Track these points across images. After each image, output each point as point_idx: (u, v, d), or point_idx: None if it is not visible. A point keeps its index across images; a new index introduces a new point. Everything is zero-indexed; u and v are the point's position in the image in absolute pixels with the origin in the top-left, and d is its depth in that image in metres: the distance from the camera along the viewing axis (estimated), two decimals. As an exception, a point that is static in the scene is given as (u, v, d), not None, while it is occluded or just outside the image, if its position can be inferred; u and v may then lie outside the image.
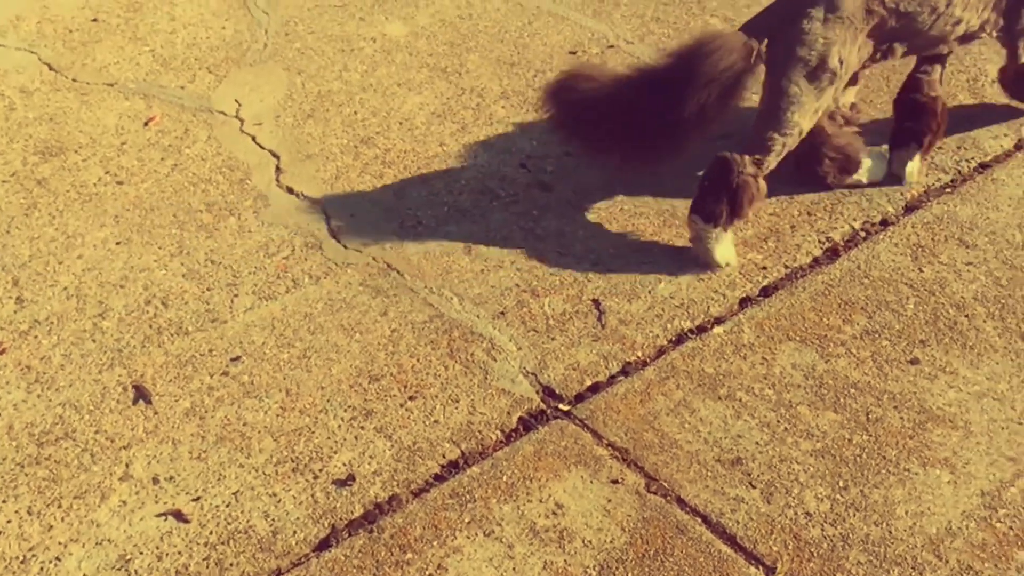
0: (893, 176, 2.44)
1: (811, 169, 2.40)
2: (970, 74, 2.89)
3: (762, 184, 2.19)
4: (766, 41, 2.13)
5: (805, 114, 2.15)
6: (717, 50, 2.10)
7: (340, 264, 2.32)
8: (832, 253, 2.30)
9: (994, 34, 2.34)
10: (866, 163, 2.41)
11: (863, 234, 2.35)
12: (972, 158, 2.57)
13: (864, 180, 2.43)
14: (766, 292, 2.21)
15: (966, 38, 2.31)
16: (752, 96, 2.37)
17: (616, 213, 2.45)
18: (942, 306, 2.13)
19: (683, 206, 2.43)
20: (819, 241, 2.34)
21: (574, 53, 3.11)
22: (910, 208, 2.42)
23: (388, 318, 2.17)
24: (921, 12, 2.15)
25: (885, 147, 2.46)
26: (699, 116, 2.15)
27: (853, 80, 2.33)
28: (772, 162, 2.19)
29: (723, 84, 2.12)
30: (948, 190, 2.47)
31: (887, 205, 2.43)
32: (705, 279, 2.24)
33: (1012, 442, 1.82)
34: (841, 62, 2.11)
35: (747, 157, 2.15)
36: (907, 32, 2.19)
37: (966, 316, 2.10)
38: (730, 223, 2.19)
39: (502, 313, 2.18)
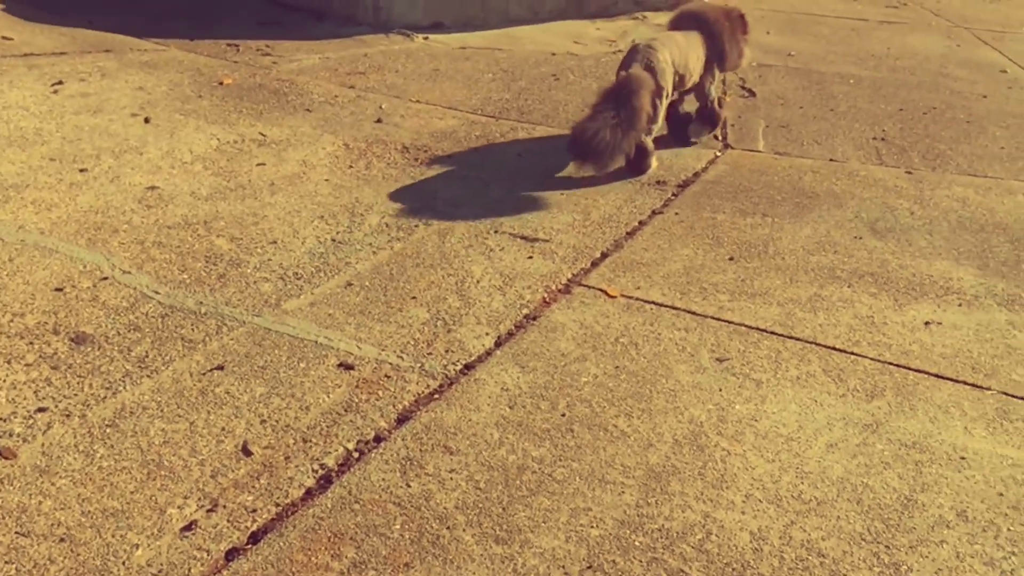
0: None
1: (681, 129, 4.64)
2: (458, 277, 3.15)
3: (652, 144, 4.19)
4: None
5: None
6: (639, 78, 3.97)
7: None
8: (326, 481, 2.28)
9: (704, 84, 4.47)
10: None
11: (356, 455, 2.37)
12: (459, 360, 2.75)
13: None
14: (255, 538, 2.11)
15: (694, 87, 4.38)
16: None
17: (93, 473, 2.23)
18: (427, 521, 2.18)
19: (164, 452, 2.29)
20: (313, 470, 2.31)
21: (60, 290, 2.89)
22: (402, 419, 2.50)
23: None
24: (686, 69, 4.20)
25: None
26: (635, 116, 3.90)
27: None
28: (654, 132, 4.18)
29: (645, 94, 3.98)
30: (436, 396, 2.60)
31: (380, 420, 2.49)
32: (189, 536, 2.09)
33: (484, 660, 1.86)
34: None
35: (646, 136, 4.09)
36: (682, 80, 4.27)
37: (448, 528, 2.17)
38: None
39: (-67, 628, 1.83)
